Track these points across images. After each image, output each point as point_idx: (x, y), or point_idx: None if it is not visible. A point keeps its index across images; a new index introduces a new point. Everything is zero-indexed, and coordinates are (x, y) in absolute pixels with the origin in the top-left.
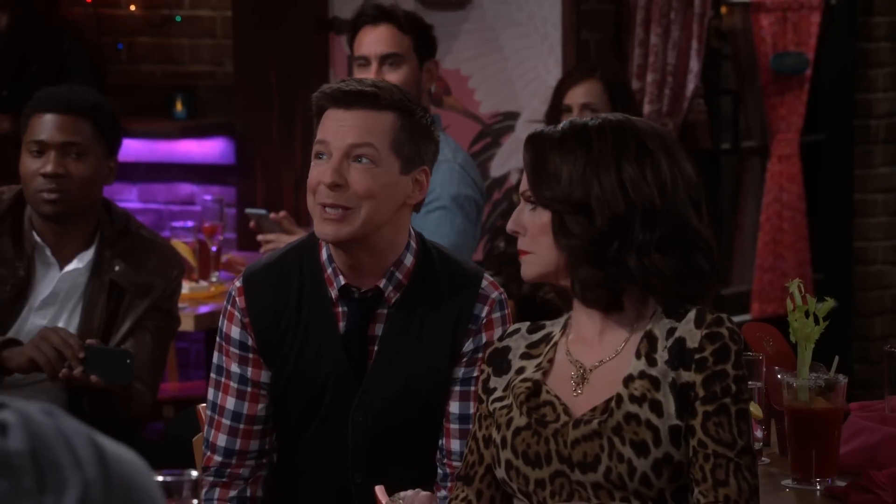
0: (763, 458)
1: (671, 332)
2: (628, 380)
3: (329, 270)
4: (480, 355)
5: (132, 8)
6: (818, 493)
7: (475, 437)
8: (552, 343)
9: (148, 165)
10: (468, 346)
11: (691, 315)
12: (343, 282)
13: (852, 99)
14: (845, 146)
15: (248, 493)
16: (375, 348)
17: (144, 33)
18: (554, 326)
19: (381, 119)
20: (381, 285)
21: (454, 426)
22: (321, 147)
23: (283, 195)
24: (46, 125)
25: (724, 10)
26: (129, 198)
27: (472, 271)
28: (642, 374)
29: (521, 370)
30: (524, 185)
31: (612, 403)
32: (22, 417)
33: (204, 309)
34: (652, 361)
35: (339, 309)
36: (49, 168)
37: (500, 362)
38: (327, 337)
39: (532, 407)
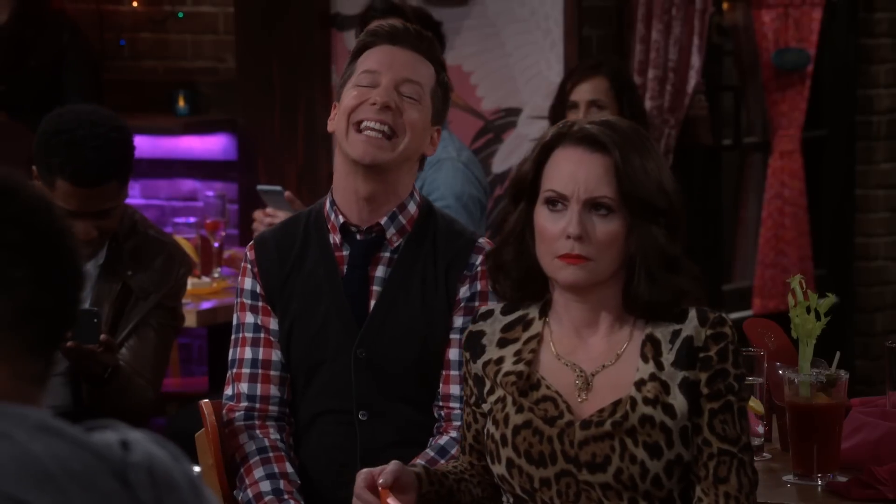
0: (764, 454)
1: (676, 332)
2: (640, 383)
3: (332, 217)
4: (477, 304)
5: (135, 4)
6: (819, 488)
7: (463, 420)
8: (533, 333)
9: (150, 161)
10: (464, 292)
11: (693, 314)
12: (342, 220)
13: (854, 95)
14: (847, 142)
15: (285, 432)
16: (376, 288)
17: (147, 29)
18: (529, 308)
19: (426, 66)
20: (383, 223)
21: (453, 372)
22: (368, 76)
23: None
24: (74, 197)
25: (725, 6)
26: (131, 194)
27: (470, 231)
28: (653, 377)
29: (500, 360)
30: (593, 191)
31: (627, 406)
32: (139, 439)
33: (206, 305)
34: (659, 365)
35: (342, 253)
36: (81, 236)
37: (474, 346)
38: (329, 280)
39: (532, 402)
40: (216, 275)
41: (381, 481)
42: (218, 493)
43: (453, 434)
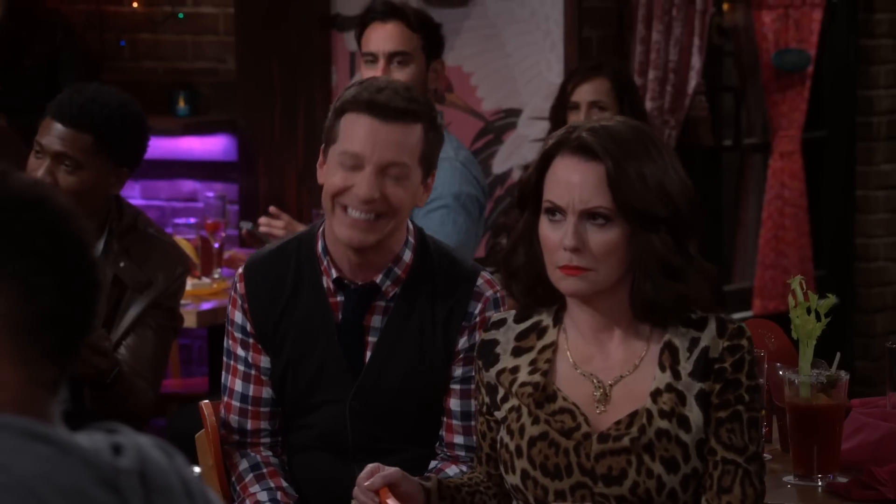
0: (765, 455)
1: (695, 341)
2: (656, 394)
3: (325, 262)
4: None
5: (135, 5)
6: (820, 489)
7: (477, 429)
8: (548, 341)
9: (150, 162)
10: (463, 343)
11: (712, 324)
12: (335, 275)
13: (854, 96)
14: (847, 143)
15: (277, 452)
16: (371, 339)
17: (147, 30)
18: (542, 315)
19: (413, 133)
20: (378, 280)
21: (456, 422)
22: (352, 159)
23: (286, 192)
24: (49, 131)
25: (725, 6)
26: (131, 195)
27: (469, 269)
28: (669, 388)
29: (515, 369)
30: (588, 201)
31: (644, 419)
32: (135, 442)
33: (206, 305)
34: (676, 374)
35: (336, 299)
36: (39, 174)
37: (487, 354)
38: (323, 326)
39: (548, 413)
40: (216, 275)
41: (366, 484)
42: (218, 493)
43: (463, 468)
